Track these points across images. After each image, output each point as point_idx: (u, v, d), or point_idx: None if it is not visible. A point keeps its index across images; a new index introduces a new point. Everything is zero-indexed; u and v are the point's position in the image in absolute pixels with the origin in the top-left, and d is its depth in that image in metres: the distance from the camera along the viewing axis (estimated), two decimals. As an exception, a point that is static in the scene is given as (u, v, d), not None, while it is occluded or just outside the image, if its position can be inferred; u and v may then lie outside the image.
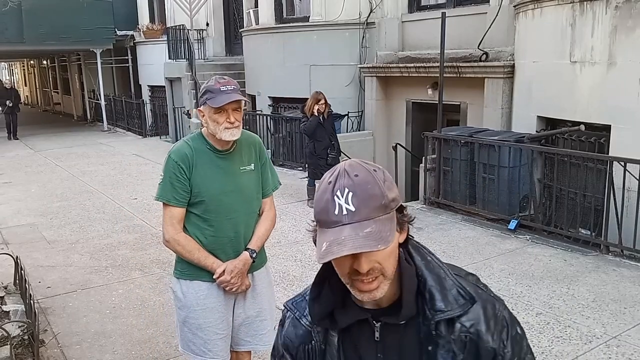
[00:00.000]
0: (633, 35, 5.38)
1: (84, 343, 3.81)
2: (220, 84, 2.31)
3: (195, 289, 2.40)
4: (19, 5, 13.88)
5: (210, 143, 2.38)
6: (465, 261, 5.14)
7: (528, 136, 6.44)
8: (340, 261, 1.03)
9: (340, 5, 9.91)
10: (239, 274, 2.40)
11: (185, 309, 2.42)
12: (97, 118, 18.69)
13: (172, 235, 2.35)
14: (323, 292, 1.15)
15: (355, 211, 1.01)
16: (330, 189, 1.03)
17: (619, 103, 5.55)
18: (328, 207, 1.03)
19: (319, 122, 6.86)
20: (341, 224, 1.01)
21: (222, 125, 2.30)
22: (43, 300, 4.49)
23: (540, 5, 6.51)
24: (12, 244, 6.00)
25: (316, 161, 6.99)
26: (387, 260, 1.05)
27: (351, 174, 1.04)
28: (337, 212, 1.01)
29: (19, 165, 11.28)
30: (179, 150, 2.37)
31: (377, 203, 1.02)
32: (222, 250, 2.40)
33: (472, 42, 8.01)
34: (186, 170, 2.33)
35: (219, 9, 14.76)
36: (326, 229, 1.03)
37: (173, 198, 2.34)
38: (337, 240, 1.00)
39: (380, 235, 1.00)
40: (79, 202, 7.91)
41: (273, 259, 5.31)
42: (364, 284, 1.04)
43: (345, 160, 1.09)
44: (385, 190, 1.04)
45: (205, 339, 2.41)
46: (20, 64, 34.10)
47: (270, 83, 11.42)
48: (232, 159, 2.42)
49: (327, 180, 1.06)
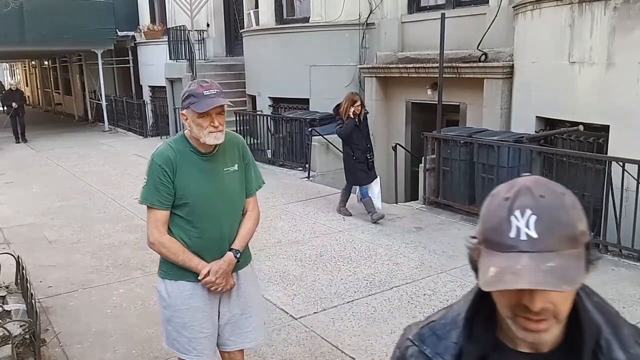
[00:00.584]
0: (631, 36, 5.38)
1: (85, 342, 3.81)
2: (204, 88, 2.30)
3: (180, 289, 2.40)
4: (20, 6, 13.85)
5: (193, 145, 2.39)
6: (465, 260, 5.11)
7: (527, 136, 6.44)
8: (507, 292, 0.87)
9: (340, 6, 9.92)
10: (224, 275, 2.40)
11: (170, 308, 2.43)
12: (98, 118, 18.69)
13: (156, 238, 2.36)
14: (475, 328, 0.99)
15: (537, 239, 0.85)
16: (507, 207, 0.88)
17: (618, 103, 5.55)
18: (502, 227, 0.87)
19: (355, 124, 6.44)
20: (517, 250, 0.85)
21: (206, 129, 2.30)
22: (44, 300, 4.50)
23: (540, 6, 6.51)
24: (14, 243, 6.00)
25: (355, 165, 6.52)
26: (564, 303, 0.90)
27: (535, 193, 0.88)
28: (514, 235, 0.86)
29: (20, 165, 11.28)
30: (162, 153, 2.37)
31: (565, 233, 0.87)
32: (207, 251, 2.41)
33: (472, 43, 8.01)
34: (170, 174, 2.33)
35: (219, 10, 14.76)
36: (496, 251, 0.88)
37: (157, 201, 2.34)
38: (511, 269, 0.84)
39: (567, 273, 0.85)
40: (80, 202, 7.91)
41: (273, 259, 5.33)
42: (532, 322, 0.88)
43: (528, 176, 0.94)
44: (575, 219, 0.89)
45: (189, 337, 2.42)
46: (21, 64, 34.10)
47: (271, 83, 11.42)
48: (216, 160, 2.43)
49: (503, 195, 0.90)
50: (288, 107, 11.22)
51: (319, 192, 8.03)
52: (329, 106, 10.10)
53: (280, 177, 9.22)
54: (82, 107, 21.50)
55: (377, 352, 3.59)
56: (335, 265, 5.14)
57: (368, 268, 5.06)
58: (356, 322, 4.02)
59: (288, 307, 4.28)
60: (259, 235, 6.02)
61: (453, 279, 4.76)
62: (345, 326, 3.96)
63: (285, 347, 3.70)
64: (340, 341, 3.74)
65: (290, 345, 3.72)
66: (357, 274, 4.91)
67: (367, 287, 4.62)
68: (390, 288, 4.60)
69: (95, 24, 15.75)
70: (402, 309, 4.20)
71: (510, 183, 0.92)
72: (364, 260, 5.27)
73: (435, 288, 4.58)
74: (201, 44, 14.13)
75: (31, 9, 14.71)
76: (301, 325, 3.99)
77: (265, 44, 11.42)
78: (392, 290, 4.57)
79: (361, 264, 5.15)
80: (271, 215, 6.81)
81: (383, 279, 4.78)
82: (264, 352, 3.62)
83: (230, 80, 13.62)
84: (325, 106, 10.21)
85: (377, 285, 4.67)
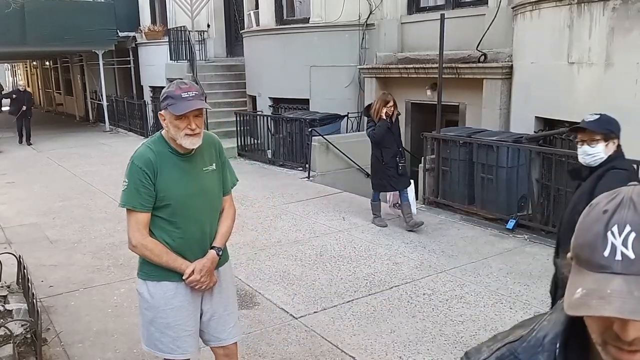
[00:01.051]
0: (630, 37, 5.38)
1: (86, 341, 3.81)
2: (182, 90, 2.28)
3: (163, 289, 2.41)
4: (21, 7, 13.86)
5: (171, 146, 2.38)
6: (464, 260, 5.15)
7: (526, 136, 6.44)
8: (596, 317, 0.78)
9: (340, 6, 9.92)
10: (208, 272, 2.43)
11: (153, 309, 2.43)
12: (99, 119, 18.69)
13: (139, 241, 2.35)
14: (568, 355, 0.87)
15: (634, 260, 0.74)
16: (605, 221, 0.77)
17: (616, 103, 5.54)
18: (596, 244, 0.76)
19: (388, 127, 6.05)
20: (610, 272, 0.75)
21: (183, 131, 2.29)
22: (45, 299, 4.50)
23: (539, 6, 6.51)
24: (15, 243, 6.00)
25: (384, 170, 6.12)
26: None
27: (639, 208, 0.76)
28: (608, 254, 0.75)
29: (22, 165, 11.28)
30: (142, 155, 2.35)
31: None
32: (190, 250, 2.42)
33: (471, 44, 8.01)
34: (151, 175, 2.32)
35: (219, 11, 14.76)
36: (587, 270, 0.78)
37: (139, 204, 2.33)
38: (599, 292, 0.74)
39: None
40: (81, 201, 7.91)
41: (273, 259, 5.33)
42: (624, 353, 0.78)
43: (635, 185, 0.82)
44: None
45: (173, 336, 2.43)
46: (23, 65, 34.07)
47: (271, 84, 11.42)
48: (195, 160, 2.43)
49: (602, 208, 0.79)
50: (288, 107, 11.22)
51: (319, 192, 8.03)
52: (329, 106, 10.17)
53: (281, 177, 9.22)
54: (83, 108, 21.49)
55: (377, 351, 3.59)
56: (335, 265, 5.14)
57: (368, 268, 5.05)
58: (356, 321, 4.02)
59: (288, 307, 4.28)
60: (260, 235, 6.03)
61: (452, 278, 4.76)
62: (345, 325, 3.96)
63: (285, 346, 3.70)
64: (340, 340, 3.74)
65: (290, 344, 3.72)
66: (357, 274, 4.91)
67: (366, 287, 4.62)
68: (389, 287, 4.60)
69: (97, 25, 15.75)
70: (401, 309, 4.21)
71: (613, 193, 0.80)
72: (363, 259, 5.27)
73: (435, 287, 4.58)
74: (202, 45, 14.13)
75: (32, 10, 14.72)
76: (301, 325, 3.99)
77: (266, 44, 11.42)
78: (392, 289, 4.57)
79: (361, 264, 5.15)
80: (271, 215, 6.82)
81: (383, 279, 4.78)
82: (264, 351, 3.62)
83: (231, 81, 13.62)
84: (325, 106, 10.24)
85: (376, 284, 4.67)
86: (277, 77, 11.15)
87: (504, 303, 4.24)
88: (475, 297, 4.35)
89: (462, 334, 3.78)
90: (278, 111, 11.41)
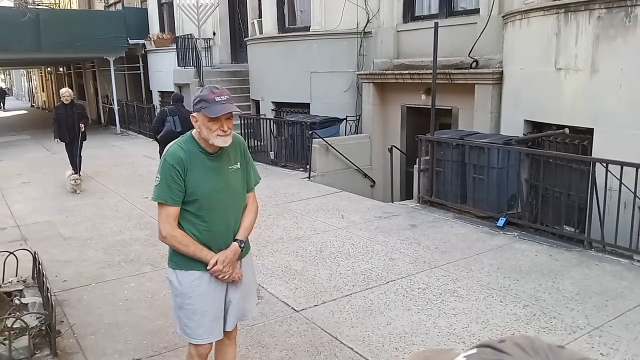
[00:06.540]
0: (614, 44, 5.38)
1: (98, 333, 3.81)
2: (215, 94, 2.35)
3: (191, 278, 2.47)
4: (37, 16, 13.84)
5: (201, 146, 2.44)
6: (457, 256, 5.14)
7: (516, 139, 6.44)
8: None
9: (339, 15, 9.92)
10: (230, 263, 2.49)
11: (182, 296, 2.49)
12: (110, 122, 18.69)
13: (169, 232, 2.42)
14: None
15: None
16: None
17: (601, 107, 5.55)
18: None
19: None
20: None
21: (215, 132, 2.36)
22: (59, 293, 4.49)
23: (528, 15, 6.51)
24: (31, 240, 6.00)
25: None
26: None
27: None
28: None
29: (36, 166, 11.28)
30: (174, 153, 2.41)
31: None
32: (214, 242, 2.48)
33: (463, 51, 8.01)
34: (182, 172, 2.38)
35: (225, 19, 14.77)
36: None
37: (170, 198, 2.39)
38: None
39: None
40: (94, 200, 7.91)
41: (276, 254, 5.32)
42: None
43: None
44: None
45: (200, 321, 2.50)
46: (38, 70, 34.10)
47: (273, 89, 11.43)
48: (221, 159, 2.49)
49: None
50: (290, 111, 11.21)
51: (319, 191, 8.02)
52: (328, 110, 10.17)
53: (283, 177, 9.21)
54: (95, 111, 21.50)
55: (374, 343, 3.59)
56: (334, 261, 5.13)
57: (365, 263, 5.05)
58: (354, 314, 4.01)
59: (290, 300, 4.28)
60: (263, 232, 6.02)
61: (446, 273, 4.75)
62: (344, 318, 3.95)
63: (287, 337, 3.69)
64: (339, 332, 3.74)
65: (292, 336, 3.72)
66: (355, 269, 4.91)
67: (364, 281, 4.62)
68: (386, 282, 4.60)
69: (108, 33, 15.76)
70: (397, 302, 4.20)
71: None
72: (361, 256, 5.26)
73: (429, 282, 4.57)
74: (208, 52, 14.13)
75: (47, 19, 14.74)
76: (302, 317, 3.99)
77: (269, 51, 11.43)
78: (388, 284, 4.56)
79: (359, 260, 5.15)
80: (274, 214, 6.81)
81: (380, 274, 4.78)
82: (267, 343, 3.62)
83: (235, 86, 13.60)
84: (325, 110, 10.24)
85: (374, 279, 4.67)
86: (279, 82, 11.16)
87: (494, 297, 4.24)
88: (468, 291, 4.35)
89: (454, 326, 3.78)
90: (280, 115, 11.40)
